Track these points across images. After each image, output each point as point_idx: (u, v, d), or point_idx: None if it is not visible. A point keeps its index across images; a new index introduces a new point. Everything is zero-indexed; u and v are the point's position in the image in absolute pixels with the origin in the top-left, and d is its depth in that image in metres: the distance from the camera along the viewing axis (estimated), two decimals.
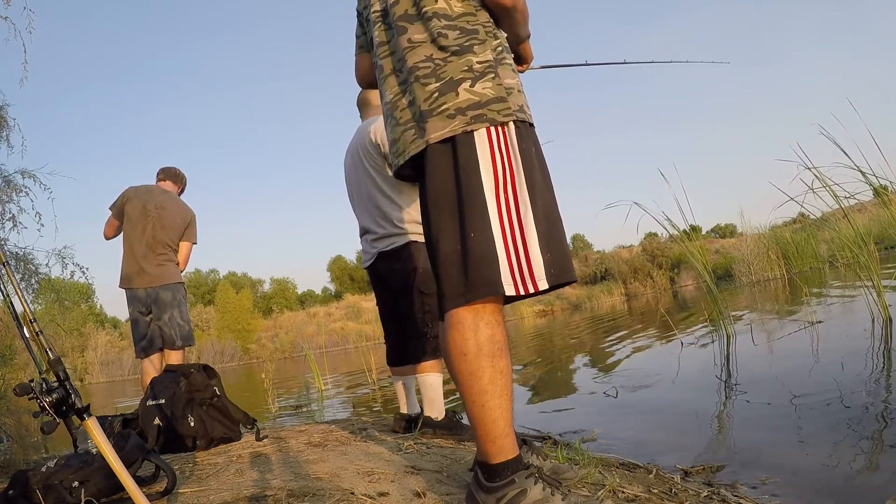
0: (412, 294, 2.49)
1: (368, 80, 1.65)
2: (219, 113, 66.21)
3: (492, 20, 1.35)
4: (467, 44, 1.28)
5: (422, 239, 2.44)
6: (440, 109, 1.24)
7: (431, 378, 2.49)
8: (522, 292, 1.21)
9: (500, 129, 1.24)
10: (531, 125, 1.32)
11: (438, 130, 1.24)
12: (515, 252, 1.21)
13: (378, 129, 2.51)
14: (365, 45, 1.62)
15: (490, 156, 1.22)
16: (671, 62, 3.31)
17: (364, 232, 2.65)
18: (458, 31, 1.28)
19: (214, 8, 69.54)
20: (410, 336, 2.52)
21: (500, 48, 1.33)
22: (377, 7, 1.43)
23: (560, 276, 1.24)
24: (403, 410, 2.66)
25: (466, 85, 1.25)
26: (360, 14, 1.61)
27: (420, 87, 1.28)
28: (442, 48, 1.28)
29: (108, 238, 3.62)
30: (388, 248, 2.52)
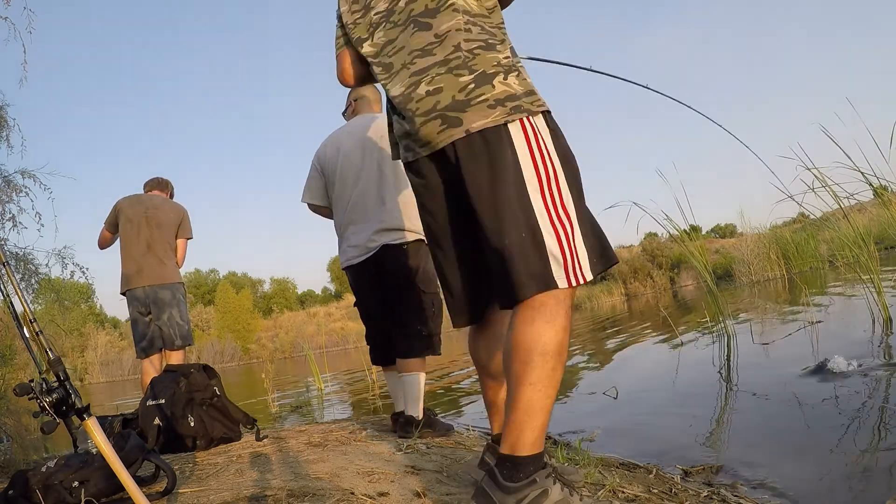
0: (413, 290, 2.49)
1: (355, 73, 1.59)
2: (220, 113, 66.25)
3: (503, 21, 1.40)
4: (491, 41, 1.33)
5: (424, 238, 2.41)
6: (480, 100, 1.26)
7: (414, 377, 2.50)
8: (574, 284, 1.22)
9: (533, 119, 1.28)
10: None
11: (480, 120, 1.25)
12: (567, 244, 1.23)
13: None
14: (347, 42, 1.58)
15: (527, 145, 1.25)
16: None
17: (360, 221, 2.56)
18: (480, 28, 1.33)
19: (216, 8, 69.58)
20: (403, 332, 2.51)
21: (512, 49, 1.39)
22: (381, 7, 1.44)
23: (606, 259, 1.27)
24: (400, 409, 2.67)
25: (500, 78, 1.28)
26: (341, 17, 1.59)
27: (452, 78, 1.29)
28: (471, 41, 1.31)
29: (101, 248, 3.63)
30: (396, 242, 2.48)
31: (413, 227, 2.50)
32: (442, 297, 2.45)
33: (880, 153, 3.91)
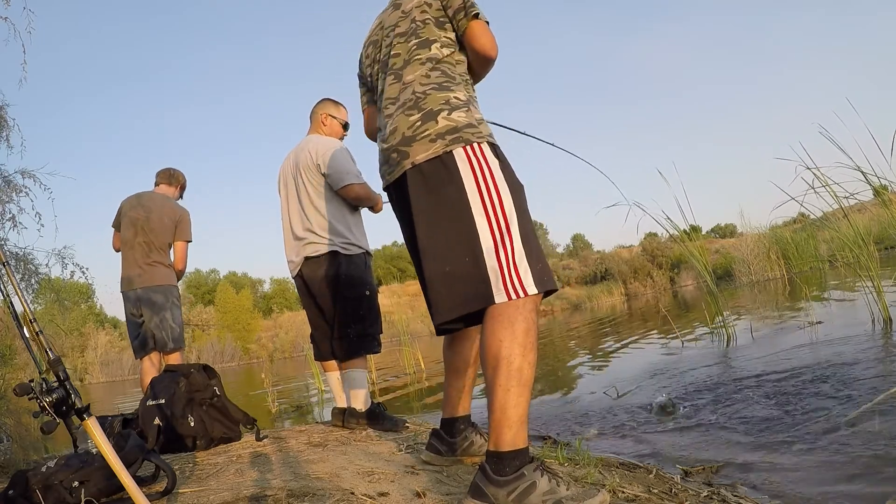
0: (336, 296, 2.61)
1: (373, 129, 1.81)
2: (222, 116, 66.23)
3: (468, 73, 1.61)
4: (446, 83, 1.51)
5: (343, 249, 2.61)
6: (423, 135, 1.44)
7: (356, 373, 2.62)
8: (514, 297, 1.32)
9: (476, 147, 1.42)
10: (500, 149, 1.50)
11: (422, 153, 1.43)
12: (507, 259, 1.33)
13: (317, 150, 2.66)
14: (370, 100, 1.84)
15: (471, 169, 1.39)
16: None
17: (289, 237, 2.75)
18: (439, 73, 1.52)
19: (219, 11, 69.56)
20: (336, 336, 2.63)
21: (472, 93, 1.59)
22: (382, 56, 1.66)
23: (547, 283, 1.37)
24: (340, 405, 2.72)
25: (444, 114, 1.45)
26: (361, 77, 1.84)
27: (404, 118, 1.50)
28: (426, 84, 1.50)
29: (117, 250, 3.65)
30: (315, 255, 2.63)
31: (328, 239, 2.62)
32: (374, 297, 2.68)
33: (881, 152, 3.91)
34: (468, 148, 1.41)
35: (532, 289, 1.33)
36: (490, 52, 1.57)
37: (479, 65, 1.61)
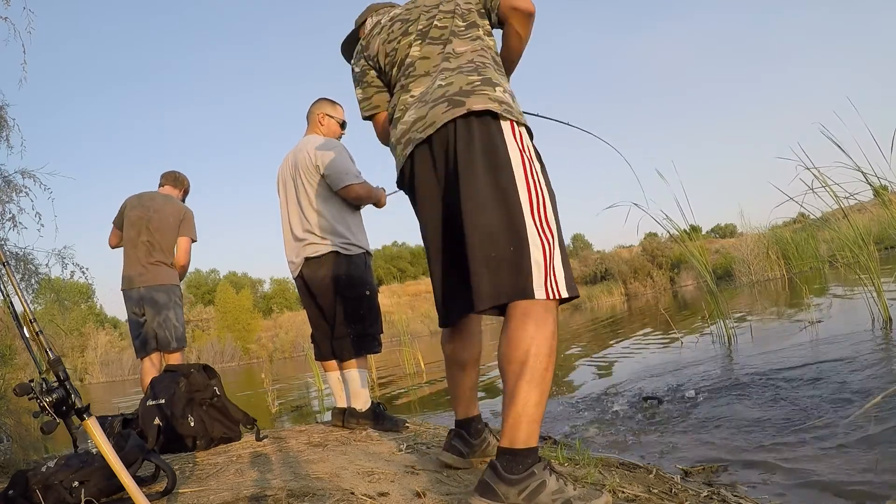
0: (337, 296, 2.61)
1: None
2: (222, 116, 66.21)
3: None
4: (499, 70, 1.55)
5: (343, 249, 2.61)
6: (482, 92, 1.44)
7: (357, 373, 2.62)
8: (551, 297, 1.30)
9: (524, 129, 1.45)
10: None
11: (479, 104, 1.41)
12: (550, 259, 1.32)
13: (315, 150, 2.65)
14: (381, 103, 1.76)
15: (520, 154, 1.39)
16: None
17: (289, 238, 2.75)
18: (493, 56, 1.57)
19: (219, 11, 69.53)
20: (336, 336, 2.63)
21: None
22: (421, 27, 1.62)
23: (573, 289, 1.36)
24: (340, 405, 2.72)
25: (501, 88, 1.47)
26: (370, 64, 1.74)
27: (463, 77, 1.48)
28: (484, 59, 1.52)
29: (112, 246, 3.66)
30: (315, 255, 2.63)
31: (328, 239, 2.61)
32: (375, 297, 2.67)
33: (881, 152, 3.91)
34: (517, 127, 1.42)
35: (564, 292, 1.31)
36: (529, 6, 1.54)
37: (519, 23, 1.57)
